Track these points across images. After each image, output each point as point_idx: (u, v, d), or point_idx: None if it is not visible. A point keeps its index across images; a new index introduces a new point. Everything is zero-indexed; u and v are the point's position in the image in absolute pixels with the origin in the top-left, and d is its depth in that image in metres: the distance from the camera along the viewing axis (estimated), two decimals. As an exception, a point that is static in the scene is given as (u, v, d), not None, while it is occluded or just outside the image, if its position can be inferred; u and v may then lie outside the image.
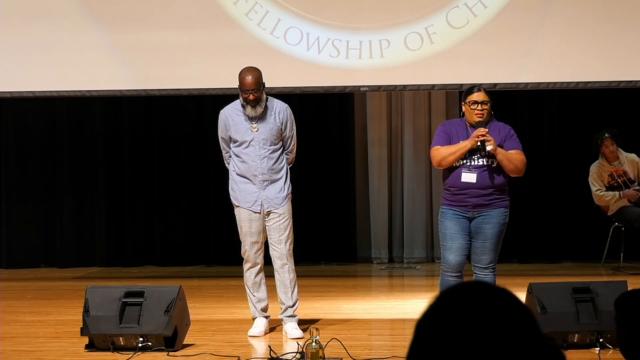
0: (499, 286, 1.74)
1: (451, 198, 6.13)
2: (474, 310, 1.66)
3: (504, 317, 1.67)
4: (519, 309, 1.69)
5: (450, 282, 6.11)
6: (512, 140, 6.18)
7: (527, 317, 1.69)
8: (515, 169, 6.12)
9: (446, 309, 1.68)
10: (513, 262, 10.27)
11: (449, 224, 6.11)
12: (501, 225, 6.13)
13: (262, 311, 6.79)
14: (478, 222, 6.10)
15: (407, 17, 8.80)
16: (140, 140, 10.68)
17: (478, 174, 6.05)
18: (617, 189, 9.51)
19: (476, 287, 1.72)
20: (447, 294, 1.71)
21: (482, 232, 6.10)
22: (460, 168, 6.08)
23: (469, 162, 6.08)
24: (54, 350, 6.35)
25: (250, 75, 6.61)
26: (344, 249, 10.66)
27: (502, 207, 6.13)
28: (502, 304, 1.69)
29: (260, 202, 6.68)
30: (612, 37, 8.66)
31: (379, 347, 6.34)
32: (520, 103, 10.32)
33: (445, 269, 6.17)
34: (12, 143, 10.79)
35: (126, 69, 9.03)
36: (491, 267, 6.17)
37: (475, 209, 6.08)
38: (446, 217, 6.14)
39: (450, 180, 6.14)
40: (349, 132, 10.71)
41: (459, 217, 6.10)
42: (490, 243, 6.12)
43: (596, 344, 6.00)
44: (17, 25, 9.04)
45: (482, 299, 1.68)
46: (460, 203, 6.09)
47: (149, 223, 10.70)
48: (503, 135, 6.18)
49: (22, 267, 10.60)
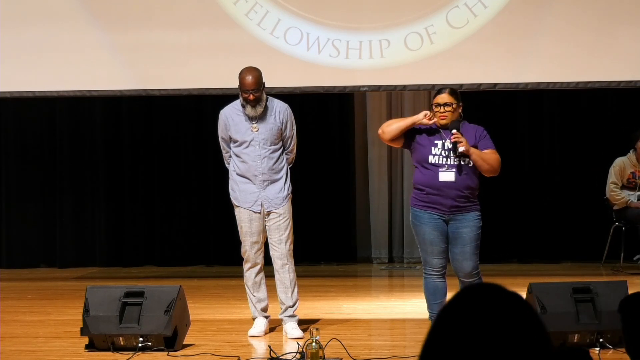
0: (511, 291, 1.76)
1: (426, 199, 6.06)
2: (488, 312, 1.69)
3: (515, 321, 1.69)
4: (530, 314, 1.72)
5: (437, 284, 6.15)
6: (486, 140, 6.16)
7: (537, 322, 1.72)
8: (491, 168, 6.09)
9: (462, 311, 1.70)
10: (513, 262, 10.28)
11: (427, 228, 6.07)
12: (478, 229, 6.09)
13: (262, 311, 6.79)
14: (454, 226, 6.05)
15: (407, 17, 8.80)
16: (140, 140, 10.67)
17: (456, 172, 6.03)
18: (633, 189, 9.51)
19: (491, 290, 1.74)
20: (465, 295, 1.74)
21: (460, 236, 6.06)
22: (437, 168, 6.04)
23: (446, 161, 6.05)
24: (54, 350, 6.35)
25: (251, 75, 6.61)
26: (344, 249, 10.66)
27: (476, 210, 6.11)
28: (514, 308, 1.72)
29: (261, 202, 6.68)
30: (612, 37, 8.66)
31: (379, 347, 6.34)
32: (520, 103, 10.32)
33: (430, 271, 6.17)
34: (12, 143, 10.79)
35: (126, 69, 9.03)
36: (475, 273, 6.11)
37: (450, 211, 6.03)
38: (422, 221, 6.08)
39: (424, 180, 6.06)
40: (349, 132, 10.71)
41: (436, 220, 6.06)
42: (469, 247, 6.07)
43: (596, 344, 6.00)
44: (17, 25, 9.04)
45: (496, 303, 1.71)
46: (436, 205, 6.04)
47: (149, 223, 10.70)
48: (477, 135, 6.15)
49: (22, 267, 10.60)
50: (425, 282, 6.23)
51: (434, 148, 6.08)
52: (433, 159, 6.05)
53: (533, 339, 1.69)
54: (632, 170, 9.51)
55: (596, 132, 10.24)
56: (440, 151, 6.06)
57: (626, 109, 10.17)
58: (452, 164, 6.03)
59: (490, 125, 10.00)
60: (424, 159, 6.08)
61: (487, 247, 9.85)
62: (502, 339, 1.67)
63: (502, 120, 10.37)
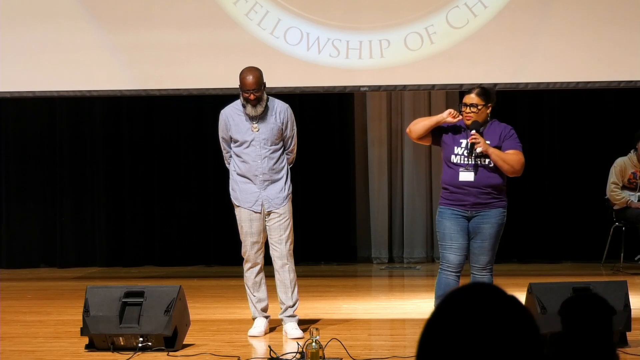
0: (500, 288, 1.76)
1: (449, 197, 6.12)
2: (477, 312, 1.68)
3: (506, 319, 1.69)
4: (521, 311, 1.72)
5: (449, 281, 6.12)
6: (511, 140, 6.17)
7: (528, 319, 1.72)
8: (511, 168, 6.09)
9: (451, 312, 1.70)
10: (513, 262, 10.27)
11: (448, 223, 6.10)
12: (499, 226, 6.12)
13: (262, 311, 6.79)
14: (476, 222, 6.09)
15: (407, 17, 8.80)
16: (140, 140, 10.67)
17: (476, 172, 6.07)
18: (633, 190, 9.51)
19: (479, 290, 1.74)
20: (452, 296, 1.74)
21: (481, 232, 6.09)
22: (458, 167, 6.09)
23: (467, 161, 6.09)
24: (54, 350, 6.35)
25: (251, 75, 6.61)
26: (344, 249, 10.66)
27: (500, 207, 6.12)
28: (504, 305, 1.72)
29: (261, 202, 6.69)
30: (612, 37, 8.66)
31: (379, 347, 6.34)
32: (520, 103, 10.32)
33: (446, 267, 6.14)
34: (12, 143, 10.78)
35: (126, 69, 9.03)
36: (489, 268, 6.15)
37: (473, 208, 6.07)
38: (444, 216, 6.13)
39: (447, 179, 6.14)
40: (349, 132, 10.71)
41: (458, 216, 6.09)
42: (488, 243, 6.11)
43: (596, 344, 5.99)
44: (17, 25, 9.04)
45: (485, 302, 1.71)
46: (458, 202, 6.08)
47: (149, 223, 10.70)
48: (503, 135, 6.17)
49: (22, 267, 10.60)
50: (439, 277, 6.20)
51: (457, 147, 6.12)
52: (455, 158, 6.10)
53: (524, 338, 1.69)
54: (632, 171, 9.51)
55: (596, 132, 10.24)
56: (462, 151, 6.10)
57: (626, 109, 10.17)
58: (471, 164, 6.07)
59: (490, 125, 10.09)
60: (448, 157, 6.14)
61: (487, 247, 9.93)
62: (494, 337, 1.67)
63: (502, 120, 10.34)
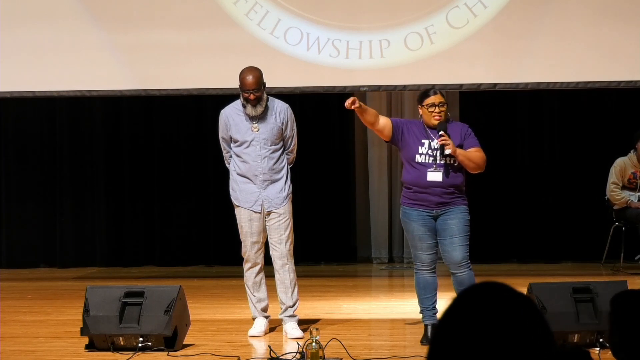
0: (510, 287, 1.78)
1: (413, 197, 6.23)
2: (489, 311, 1.70)
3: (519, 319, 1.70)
4: (534, 312, 1.74)
5: (427, 279, 6.32)
6: (471, 138, 6.30)
7: (540, 320, 1.73)
8: (476, 166, 6.26)
9: (463, 311, 1.71)
10: (513, 262, 10.28)
11: (416, 225, 6.24)
12: (465, 221, 6.24)
13: (262, 311, 6.79)
14: (443, 219, 6.21)
15: (407, 17, 8.80)
16: (140, 140, 10.67)
17: (443, 172, 6.16)
18: (633, 190, 9.50)
19: (491, 289, 1.75)
20: (464, 296, 1.75)
21: (448, 227, 6.20)
22: (424, 167, 6.16)
23: (433, 162, 6.17)
24: (54, 350, 6.35)
25: (251, 75, 6.61)
26: (344, 249, 10.66)
27: (464, 204, 6.28)
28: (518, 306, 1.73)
29: (261, 202, 6.69)
30: (612, 37, 8.66)
31: (379, 347, 6.34)
32: (520, 103, 10.32)
33: (420, 267, 6.32)
34: (12, 143, 10.78)
35: (126, 69, 9.03)
36: (464, 263, 6.22)
37: (438, 207, 6.20)
38: (411, 218, 6.25)
39: (412, 179, 6.23)
40: (349, 132, 10.71)
41: (424, 217, 6.22)
42: (458, 239, 6.21)
43: (596, 344, 6.00)
44: (17, 25, 9.04)
45: (497, 300, 1.72)
46: (424, 202, 6.20)
47: (149, 223, 10.70)
48: (463, 134, 6.29)
49: (22, 267, 10.60)
50: (416, 277, 6.40)
51: (420, 147, 6.22)
52: (420, 158, 6.20)
53: (537, 337, 1.70)
54: (632, 171, 9.51)
55: (596, 132, 10.24)
56: (427, 150, 6.21)
57: (626, 109, 10.17)
58: (439, 164, 6.19)
59: (490, 125, 10.10)
60: (412, 157, 6.22)
61: (486, 247, 9.93)
62: (506, 336, 1.68)
63: (502, 120, 10.38)
